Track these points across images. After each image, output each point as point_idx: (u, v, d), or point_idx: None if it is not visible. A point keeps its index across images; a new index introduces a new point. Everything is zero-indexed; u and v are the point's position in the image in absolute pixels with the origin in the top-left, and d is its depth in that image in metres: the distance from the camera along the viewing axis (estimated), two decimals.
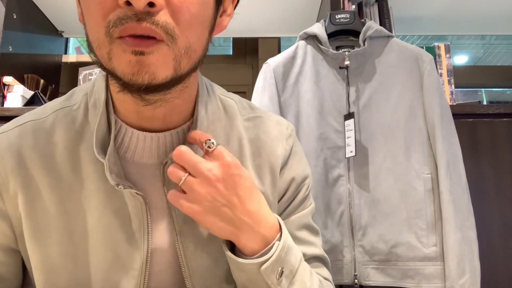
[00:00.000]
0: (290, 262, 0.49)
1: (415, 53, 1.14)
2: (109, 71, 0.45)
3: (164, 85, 0.45)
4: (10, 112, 1.29)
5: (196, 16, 0.44)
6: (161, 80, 0.44)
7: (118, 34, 0.41)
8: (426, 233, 1.03)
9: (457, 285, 0.97)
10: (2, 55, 1.51)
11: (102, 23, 0.42)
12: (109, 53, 0.43)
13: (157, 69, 0.43)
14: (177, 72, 0.45)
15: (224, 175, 0.47)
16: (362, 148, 1.10)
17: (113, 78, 0.45)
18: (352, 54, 1.13)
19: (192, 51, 0.45)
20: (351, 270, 1.05)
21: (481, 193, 1.22)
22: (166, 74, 0.44)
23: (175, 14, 0.42)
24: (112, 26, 0.41)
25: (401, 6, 1.72)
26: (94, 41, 0.44)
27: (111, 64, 0.43)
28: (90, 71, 1.49)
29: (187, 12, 0.43)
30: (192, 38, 0.45)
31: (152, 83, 0.43)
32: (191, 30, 0.44)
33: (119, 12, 0.41)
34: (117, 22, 0.41)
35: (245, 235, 0.48)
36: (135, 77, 0.42)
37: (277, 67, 1.17)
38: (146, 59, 0.42)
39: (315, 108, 1.13)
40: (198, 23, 0.45)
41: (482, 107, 1.29)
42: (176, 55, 0.44)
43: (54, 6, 1.77)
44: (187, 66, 0.46)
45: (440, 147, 1.06)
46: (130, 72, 0.42)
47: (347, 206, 1.08)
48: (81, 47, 2.51)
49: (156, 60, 0.42)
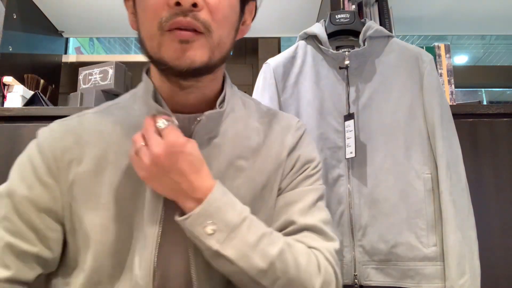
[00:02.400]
0: (223, 217, 0.55)
1: (415, 53, 1.14)
2: (156, 59, 0.57)
3: (199, 69, 0.56)
4: (10, 112, 1.29)
5: (227, 17, 0.58)
6: (198, 64, 0.55)
7: (168, 27, 0.54)
8: (426, 233, 1.03)
9: (457, 285, 0.97)
10: (2, 55, 1.51)
11: (155, 20, 0.54)
12: (160, 43, 0.55)
13: (196, 55, 0.55)
14: (211, 60, 0.57)
15: (166, 151, 0.55)
16: (362, 148, 1.10)
17: (159, 64, 0.57)
18: (352, 54, 1.13)
19: (223, 44, 0.58)
20: (351, 270, 1.05)
21: (481, 193, 1.22)
22: (202, 59, 0.56)
23: (212, 13, 0.55)
24: (164, 21, 0.54)
25: (401, 6, 1.72)
26: (146, 36, 0.57)
27: (160, 52, 0.56)
28: (90, 71, 1.49)
29: (221, 13, 0.56)
30: (223, 33, 0.58)
31: (191, 67, 0.55)
32: (223, 27, 0.57)
33: (169, 11, 0.54)
34: (168, 18, 0.54)
35: (183, 199, 0.56)
36: (178, 61, 0.55)
37: (277, 67, 1.17)
38: (189, 47, 0.55)
39: (315, 108, 1.13)
40: (228, 23, 0.59)
41: (482, 107, 1.29)
42: (211, 46, 0.56)
43: (54, 6, 1.77)
44: (218, 55, 0.58)
45: (440, 147, 1.06)
46: (176, 57, 0.55)
47: (347, 206, 1.08)
48: (81, 47, 2.51)
49: (196, 48, 0.55)
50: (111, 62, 1.47)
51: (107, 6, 1.78)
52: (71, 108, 1.34)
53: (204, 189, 0.56)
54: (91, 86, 1.46)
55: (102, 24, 1.92)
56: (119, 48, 3.48)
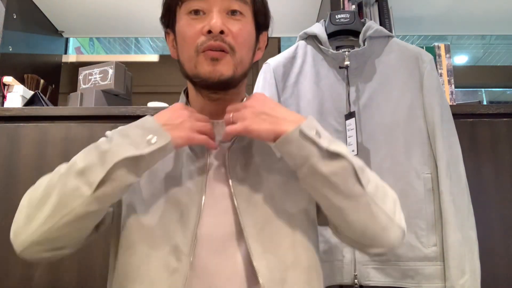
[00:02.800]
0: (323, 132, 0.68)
1: (415, 53, 1.14)
2: (193, 75, 0.72)
3: (227, 82, 0.71)
4: (10, 112, 1.29)
5: (246, 41, 0.74)
6: (226, 77, 0.70)
7: (202, 49, 0.70)
8: (426, 233, 1.03)
9: (457, 285, 0.97)
10: (2, 55, 1.51)
11: (193, 45, 0.71)
12: (196, 63, 0.71)
13: (223, 69, 0.70)
14: (235, 74, 0.72)
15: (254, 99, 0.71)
16: (362, 148, 1.10)
17: (195, 78, 0.72)
18: (352, 54, 1.13)
19: (244, 62, 0.74)
20: (351, 270, 1.05)
21: (481, 193, 1.22)
22: (228, 73, 0.71)
23: (235, 38, 0.71)
24: (200, 45, 0.70)
25: (401, 6, 1.72)
26: (186, 59, 0.73)
27: (196, 69, 0.71)
28: (90, 71, 1.49)
29: (242, 38, 0.72)
30: (243, 54, 0.73)
31: (220, 79, 0.70)
32: (243, 49, 0.73)
33: (203, 38, 0.70)
34: (203, 42, 0.70)
35: (284, 125, 0.67)
36: (211, 74, 0.70)
37: (277, 67, 1.17)
38: (218, 63, 0.70)
39: (315, 108, 1.13)
40: (247, 46, 0.74)
41: (482, 107, 1.29)
42: (235, 63, 0.71)
43: (54, 6, 1.77)
44: (240, 71, 0.73)
45: (440, 147, 1.06)
46: (208, 71, 0.70)
47: None
48: (81, 47, 2.50)
49: (223, 64, 0.70)
50: (111, 62, 1.47)
51: (107, 6, 1.78)
52: (71, 108, 1.34)
53: (298, 116, 0.69)
54: (91, 86, 1.46)
55: (102, 24, 1.92)
56: (119, 48, 3.48)
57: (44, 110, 1.32)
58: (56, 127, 1.28)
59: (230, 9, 0.72)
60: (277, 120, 0.67)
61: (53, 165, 1.28)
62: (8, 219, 1.26)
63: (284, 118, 0.68)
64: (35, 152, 1.26)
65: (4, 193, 1.24)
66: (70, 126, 1.29)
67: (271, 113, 0.68)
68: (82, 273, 1.18)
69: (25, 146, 1.27)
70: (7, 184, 1.24)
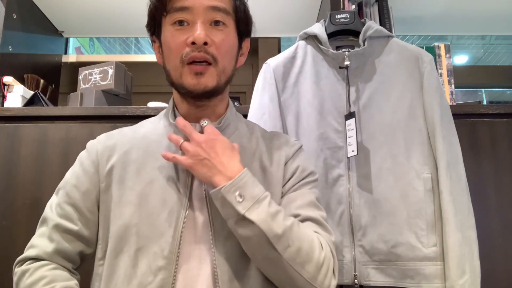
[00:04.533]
0: (250, 191, 0.70)
1: (415, 53, 1.14)
2: (178, 85, 0.76)
3: (211, 92, 0.75)
4: (10, 112, 1.29)
5: (228, 51, 0.78)
6: (210, 88, 0.75)
7: (187, 61, 0.74)
8: (426, 233, 1.03)
9: (457, 285, 0.97)
10: (2, 55, 1.51)
11: (178, 56, 0.74)
12: (181, 73, 0.75)
13: (208, 81, 0.74)
14: (218, 84, 0.76)
15: (206, 138, 0.74)
16: (362, 148, 1.10)
17: (181, 89, 0.76)
18: (352, 54, 1.13)
19: (226, 71, 0.77)
20: (351, 270, 1.05)
21: (481, 193, 1.22)
22: (213, 84, 0.75)
23: (218, 48, 0.75)
24: (185, 56, 0.74)
25: (401, 6, 1.72)
26: (171, 68, 0.77)
27: (181, 80, 0.75)
28: (90, 71, 1.49)
29: (224, 48, 0.76)
30: (226, 63, 0.77)
31: (205, 90, 0.74)
32: (226, 58, 0.77)
33: (188, 49, 0.74)
34: (187, 53, 0.73)
35: (217, 177, 0.71)
36: (195, 87, 0.74)
37: (277, 67, 1.17)
38: (202, 77, 0.74)
39: (315, 108, 1.13)
40: (229, 55, 0.78)
41: (482, 107, 1.29)
42: (218, 73, 0.75)
43: (54, 6, 1.77)
44: (224, 79, 0.77)
45: (440, 147, 1.06)
46: (193, 84, 0.74)
47: (347, 206, 1.08)
48: (81, 47, 2.50)
49: (207, 76, 0.74)
50: (111, 62, 1.47)
51: (107, 6, 1.78)
52: (71, 108, 1.34)
53: (235, 169, 0.72)
54: (91, 86, 1.46)
55: (102, 24, 1.92)
56: (119, 48, 3.48)
57: (44, 110, 1.32)
58: (56, 127, 1.29)
59: (213, 20, 0.75)
60: (214, 171, 0.71)
61: (53, 165, 1.28)
62: (8, 219, 1.27)
63: (221, 171, 0.71)
64: (35, 152, 1.26)
65: (4, 193, 1.24)
66: (70, 126, 1.29)
67: (212, 161, 0.72)
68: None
69: (25, 146, 1.27)
70: (7, 184, 1.24)
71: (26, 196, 1.23)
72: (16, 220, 1.21)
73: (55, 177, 1.23)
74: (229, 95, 0.86)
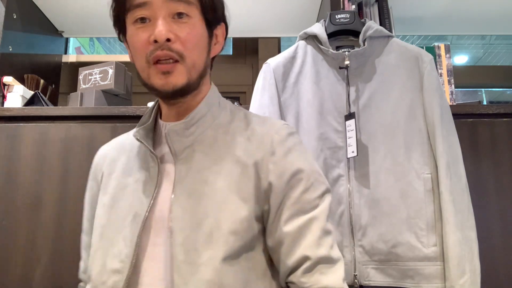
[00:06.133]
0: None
1: (415, 53, 1.14)
2: (148, 86, 0.72)
3: (182, 89, 0.71)
4: (10, 112, 1.29)
5: (196, 44, 0.72)
6: (180, 86, 0.70)
7: (152, 60, 0.69)
8: (426, 233, 1.03)
9: (457, 285, 0.97)
10: (2, 55, 1.51)
11: (143, 55, 0.70)
12: (148, 74, 0.71)
13: (177, 80, 0.70)
14: (190, 80, 0.71)
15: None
16: (362, 148, 1.10)
17: (151, 89, 0.72)
18: (352, 54, 1.13)
19: (197, 65, 0.72)
20: (351, 270, 1.05)
21: (481, 193, 1.22)
22: (183, 82, 0.70)
23: (183, 43, 0.69)
24: (149, 56, 0.69)
25: (401, 6, 1.72)
26: (139, 68, 0.73)
27: (150, 81, 0.71)
28: (90, 71, 1.49)
29: (191, 42, 0.70)
30: (195, 57, 0.71)
31: (175, 89, 0.70)
32: (194, 52, 0.71)
33: (151, 47, 0.69)
34: (151, 53, 0.68)
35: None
36: (164, 87, 0.70)
37: (277, 67, 1.17)
38: (170, 76, 0.69)
39: (315, 108, 1.13)
40: (197, 48, 0.72)
41: (482, 107, 1.29)
42: (187, 69, 0.70)
43: (54, 6, 1.77)
44: (196, 75, 0.72)
45: (440, 147, 1.06)
46: (161, 84, 0.70)
47: (347, 206, 1.08)
48: (81, 47, 2.50)
49: (175, 75, 0.69)
50: (111, 62, 1.47)
51: (107, 6, 1.78)
52: (71, 108, 1.34)
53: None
54: (91, 86, 1.46)
55: (102, 24, 1.92)
56: (119, 48, 3.47)
57: (44, 110, 1.32)
58: (56, 127, 1.29)
59: (175, 12, 0.70)
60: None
61: (53, 165, 1.29)
62: (8, 219, 1.27)
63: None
64: (35, 152, 1.26)
65: (4, 193, 1.24)
66: (70, 126, 1.29)
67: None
68: None
69: (25, 146, 1.27)
70: (7, 184, 1.24)
71: (26, 196, 1.23)
72: (16, 220, 1.21)
73: (55, 177, 1.23)
74: (229, 95, 0.85)
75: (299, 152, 0.74)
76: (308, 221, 0.68)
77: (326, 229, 0.69)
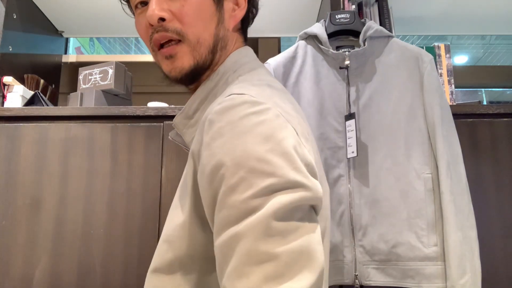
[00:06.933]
0: None
1: (415, 53, 1.14)
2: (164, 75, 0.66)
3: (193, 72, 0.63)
4: (10, 112, 1.29)
5: (196, 17, 0.62)
6: (188, 68, 0.63)
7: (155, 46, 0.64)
8: (426, 233, 1.03)
9: (458, 285, 0.97)
10: (2, 55, 1.51)
11: (147, 42, 0.65)
12: (158, 62, 0.66)
13: (183, 63, 0.62)
14: (197, 59, 0.63)
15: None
16: (362, 148, 1.10)
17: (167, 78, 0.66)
18: (352, 54, 1.13)
19: (202, 40, 0.63)
20: (351, 270, 1.05)
21: (481, 193, 1.22)
22: (189, 63, 0.62)
23: (180, 20, 0.62)
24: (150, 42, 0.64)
25: (401, 6, 1.72)
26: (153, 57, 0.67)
27: (162, 69, 0.66)
28: (90, 71, 1.48)
29: (189, 16, 0.62)
30: (199, 31, 0.63)
31: (183, 72, 0.63)
32: (196, 26, 0.62)
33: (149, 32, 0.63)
34: (150, 38, 0.63)
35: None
36: (172, 73, 0.64)
37: (277, 67, 1.17)
38: (174, 60, 0.63)
39: (315, 108, 1.13)
40: (199, 20, 0.63)
41: (482, 107, 1.29)
42: (192, 48, 0.62)
43: (54, 6, 1.77)
44: (205, 51, 0.63)
45: (440, 147, 1.06)
46: (169, 70, 0.64)
47: (348, 206, 1.08)
48: (81, 47, 2.51)
49: (180, 57, 0.62)
50: (111, 62, 1.47)
51: (107, 6, 1.78)
52: (71, 108, 1.34)
53: None
54: (91, 86, 1.46)
55: (102, 24, 1.92)
56: (119, 48, 3.48)
57: (44, 110, 1.32)
58: (56, 127, 1.28)
59: None
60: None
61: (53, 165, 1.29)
62: (8, 219, 1.27)
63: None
64: (35, 152, 1.26)
65: (4, 193, 1.24)
66: (70, 126, 1.29)
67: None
68: (82, 273, 1.18)
69: (25, 146, 1.27)
70: (7, 184, 1.24)
71: (26, 196, 1.23)
72: (16, 220, 1.21)
73: (55, 177, 1.23)
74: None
75: (229, 136, 0.48)
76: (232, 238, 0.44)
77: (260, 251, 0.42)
